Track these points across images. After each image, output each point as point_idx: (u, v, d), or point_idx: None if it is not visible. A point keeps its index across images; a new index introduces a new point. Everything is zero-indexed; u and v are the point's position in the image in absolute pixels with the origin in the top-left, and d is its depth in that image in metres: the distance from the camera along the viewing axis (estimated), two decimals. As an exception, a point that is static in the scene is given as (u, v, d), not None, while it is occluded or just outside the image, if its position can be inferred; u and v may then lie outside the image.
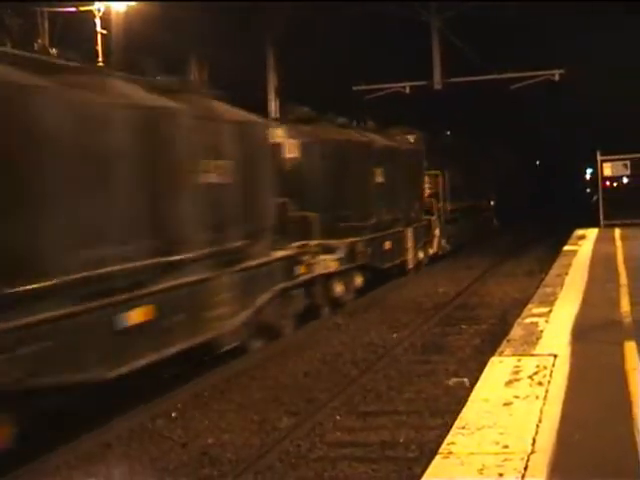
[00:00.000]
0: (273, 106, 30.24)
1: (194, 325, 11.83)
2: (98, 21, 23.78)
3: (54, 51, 22.24)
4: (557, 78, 29.58)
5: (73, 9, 23.47)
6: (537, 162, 55.27)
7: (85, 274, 9.57)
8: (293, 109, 20.15)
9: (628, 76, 33.65)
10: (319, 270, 16.92)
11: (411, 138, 26.09)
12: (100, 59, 23.69)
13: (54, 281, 9.07)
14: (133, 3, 24.79)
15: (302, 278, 16.11)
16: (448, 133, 34.71)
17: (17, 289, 8.63)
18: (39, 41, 22.53)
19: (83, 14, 23.76)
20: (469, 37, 29.37)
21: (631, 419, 6.31)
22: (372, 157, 21.01)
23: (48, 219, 9.21)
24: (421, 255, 25.04)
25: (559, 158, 59.46)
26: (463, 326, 16.78)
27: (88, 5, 23.69)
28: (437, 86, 29.47)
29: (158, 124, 11.41)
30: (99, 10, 23.84)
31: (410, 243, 23.40)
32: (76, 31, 23.59)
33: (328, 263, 17.33)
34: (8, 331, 8.47)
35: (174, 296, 11.30)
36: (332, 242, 17.83)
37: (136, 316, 10.46)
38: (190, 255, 11.70)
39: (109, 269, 9.98)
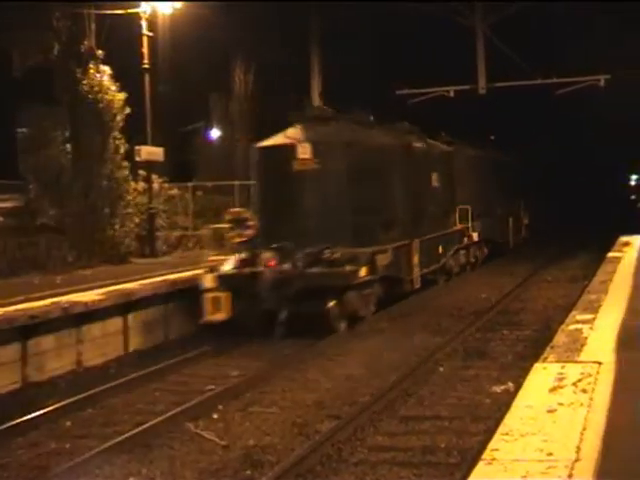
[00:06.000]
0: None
1: (441, 254, 22.79)
2: (144, 23, 23.91)
3: (100, 52, 22.57)
4: (603, 84, 29.27)
5: (120, 11, 23.65)
6: (580, 169, 54.75)
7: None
8: (438, 137, 25.91)
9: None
10: (472, 240, 25.70)
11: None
12: (146, 61, 23.86)
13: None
14: (178, 4, 24.92)
15: (466, 243, 25.16)
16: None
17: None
18: (86, 43, 22.83)
19: (130, 16, 23.92)
20: (514, 42, 29.21)
21: (677, 428, 6.24)
22: (494, 164, 30.52)
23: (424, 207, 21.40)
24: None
25: (603, 165, 58.84)
26: (505, 332, 16.68)
27: (135, 7, 23.84)
28: (482, 91, 29.30)
29: (444, 158, 24.18)
30: (145, 12, 23.97)
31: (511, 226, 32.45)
32: (123, 33, 23.79)
33: (475, 236, 25.97)
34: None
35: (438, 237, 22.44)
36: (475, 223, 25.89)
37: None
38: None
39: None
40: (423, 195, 21.53)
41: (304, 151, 17.59)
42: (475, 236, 25.73)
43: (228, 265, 16.97)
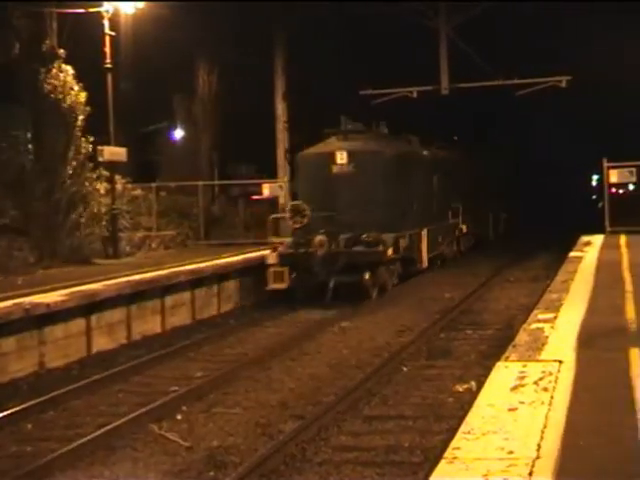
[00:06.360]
0: (280, 109, 30.26)
1: (440, 242, 27.37)
2: (106, 22, 23.72)
3: (62, 52, 22.37)
4: (564, 84, 29.49)
5: (81, 10, 23.42)
6: (543, 170, 55.14)
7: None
8: (432, 143, 28.95)
9: (634, 82, 33.60)
10: (462, 232, 30.00)
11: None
12: (108, 61, 23.70)
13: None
14: (141, 4, 24.77)
15: (457, 234, 29.52)
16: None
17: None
18: (47, 42, 22.63)
19: (92, 15, 23.71)
20: (477, 43, 29.37)
21: (636, 425, 6.32)
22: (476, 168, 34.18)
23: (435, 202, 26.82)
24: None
25: (565, 165, 59.32)
26: (468, 331, 16.79)
27: (96, 6, 23.63)
28: (444, 91, 29.41)
29: (441, 163, 28.22)
30: (107, 11, 23.78)
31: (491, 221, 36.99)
32: (84, 32, 23.59)
33: (464, 228, 30.12)
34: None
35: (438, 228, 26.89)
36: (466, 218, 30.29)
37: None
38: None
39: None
40: (428, 194, 26.23)
41: (341, 157, 22.30)
42: (464, 229, 30.02)
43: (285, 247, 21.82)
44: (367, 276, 20.62)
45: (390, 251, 21.50)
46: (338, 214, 21.77)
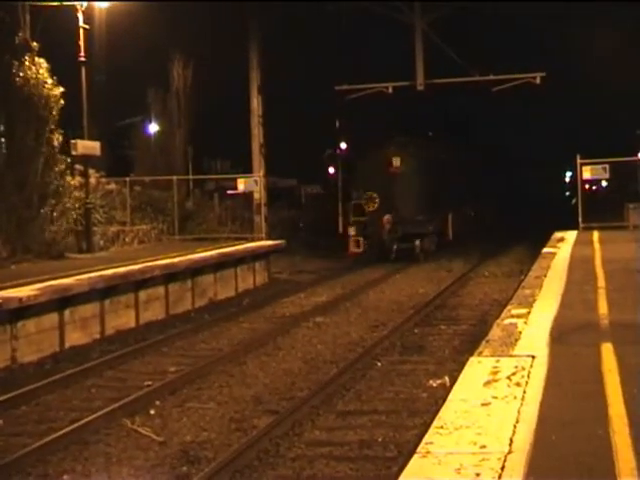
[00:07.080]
0: (255, 103, 30.18)
1: (458, 223, 34.66)
2: (80, 16, 23.57)
3: (35, 45, 22.17)
4: (538, 81, 29.61)
5: (56, 3, 23.24)
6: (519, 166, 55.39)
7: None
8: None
9: (608, 79, 33.82)
10: (470, 216, 36.86)
11: None
12: (82, 54, 23.53)
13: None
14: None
15: (466, 218, 35.84)
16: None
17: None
18: (20, 35, 22.43)
19: (66, 8, 23.52)
20: (452, 39, 29.42)
21: (607, 419, 6.36)
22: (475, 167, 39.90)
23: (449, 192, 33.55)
24: None
25: (539, 161, 59.58)
26: (442, 327, 16.84)
27: (70, 0, 23.46)
28: (420, 87, 29.47)
29: (456, 162, 35.51)
30: (82, 5, 23.62)
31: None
32: (58, 25, 23.41)
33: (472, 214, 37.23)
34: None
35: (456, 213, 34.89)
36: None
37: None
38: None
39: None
40: (450, 186, 33.06)
41: (396, 161, 30.84)
42: (472, 214, 37.24)
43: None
44: (417, 243, 29.68)
45: (431, 227, 30.66)
46: (396, 201, 30.33)
